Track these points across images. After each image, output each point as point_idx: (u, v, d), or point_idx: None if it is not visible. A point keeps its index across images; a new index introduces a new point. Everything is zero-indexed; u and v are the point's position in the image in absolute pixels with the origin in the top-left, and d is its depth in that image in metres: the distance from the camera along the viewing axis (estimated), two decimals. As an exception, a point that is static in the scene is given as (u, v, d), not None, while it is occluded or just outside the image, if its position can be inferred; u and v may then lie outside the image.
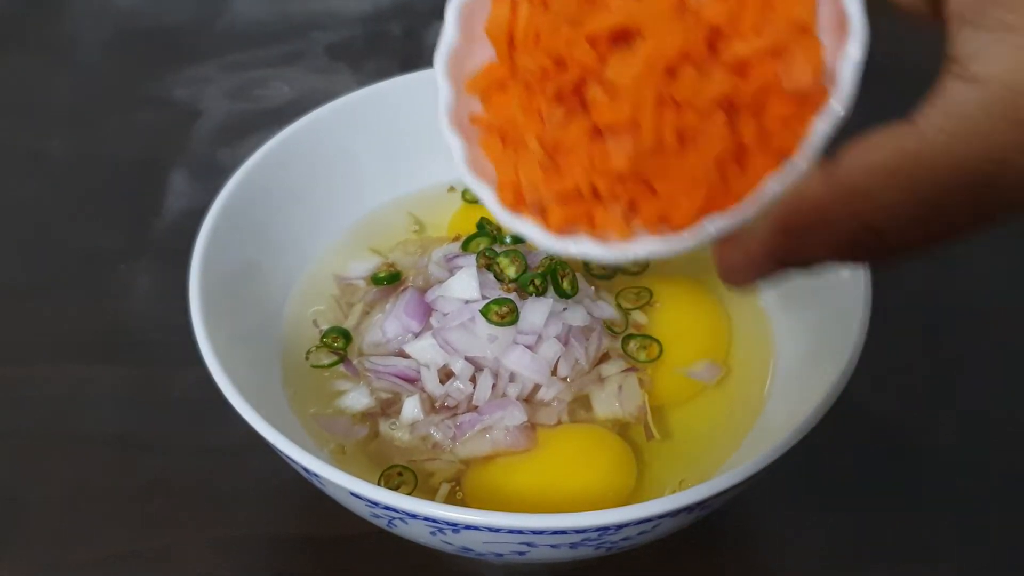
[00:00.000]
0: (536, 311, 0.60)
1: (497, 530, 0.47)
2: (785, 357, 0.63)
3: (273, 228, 0.68)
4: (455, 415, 0.59)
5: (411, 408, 0.60)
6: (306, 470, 0.50)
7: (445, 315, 0.61)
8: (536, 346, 0.60)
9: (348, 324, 0.66)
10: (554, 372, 0.60)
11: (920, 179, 0.29)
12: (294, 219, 0.69)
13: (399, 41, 1.04)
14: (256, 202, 0.66)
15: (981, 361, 0.73)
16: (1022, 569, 0.62)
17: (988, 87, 0.28)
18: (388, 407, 0.61)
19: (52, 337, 0.76)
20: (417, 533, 0.51)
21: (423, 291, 0.64)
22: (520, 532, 0.47)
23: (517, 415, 0.59)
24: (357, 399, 0.62)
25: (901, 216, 0.30)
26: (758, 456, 0.49)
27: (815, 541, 0.63)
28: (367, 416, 0.61)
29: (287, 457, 0.50)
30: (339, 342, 0.65)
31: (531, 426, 0.59)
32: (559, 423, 0.60)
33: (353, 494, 0.48)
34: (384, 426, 0.60)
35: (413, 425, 0.60)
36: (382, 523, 0.51)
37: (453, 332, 0.60)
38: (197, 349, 0.54)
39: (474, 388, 0.59)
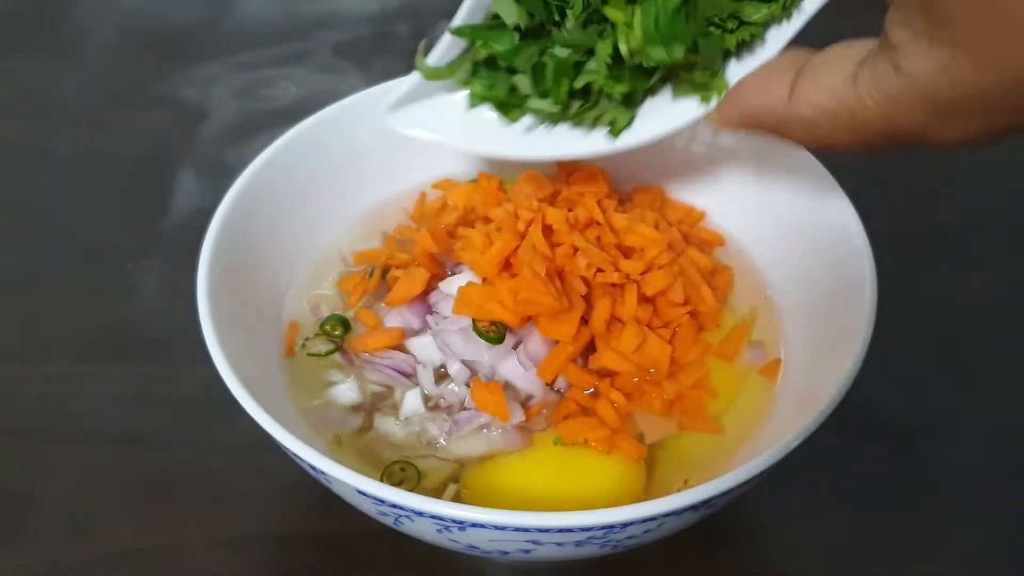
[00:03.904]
0: (539, 341, 0.60)
1: (503, 528, 0.47)
2: (793, 359, 0.63)
3: (278, 226, 0.68)
4: (450, 414, 0.60)
5: (412, 400, 0.60)
6: (313, 467, 0.50)
7: (445, 318, 0.62)
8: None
9: (348, 314, 0.66)
10: (552, 383, 0.61)
11: (852, 127, 0.44)
12: (299, 216, 0.70)
13: (406, 41, 1.04)
14: (263, 202, 0.66)
15: (983, 362, 0.73)
16: (1022, 570, 0.62)
17: (912, 82, 0.40)
18: (380, 401, 0.62)
19: (58, 335, 0.76)
20: (423, 531, 0.51)
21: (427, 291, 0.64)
22: (526, 530, 0.47)
23: (515, 414, 0.59)
24: (346, 393, 0.62)
25: (841, 142, 0.45)
26: (762, 456, 0.49)
27: (817, 541, 0.63)
28: (360, 408, 0.62)
29: (293, 455, 0.51)
30: (338, 330, 0.65)
31: (527, 427, 0.60)
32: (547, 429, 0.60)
33: (360, 492, 0.48)
34: (379, 420, 0.60)
35: (409, 419, 0.60)
36: (388, 521, 0.52)
37: (453, 335, 0.61)
38: (204, 347, 0.54)
39: (468, 393, 0.60)
